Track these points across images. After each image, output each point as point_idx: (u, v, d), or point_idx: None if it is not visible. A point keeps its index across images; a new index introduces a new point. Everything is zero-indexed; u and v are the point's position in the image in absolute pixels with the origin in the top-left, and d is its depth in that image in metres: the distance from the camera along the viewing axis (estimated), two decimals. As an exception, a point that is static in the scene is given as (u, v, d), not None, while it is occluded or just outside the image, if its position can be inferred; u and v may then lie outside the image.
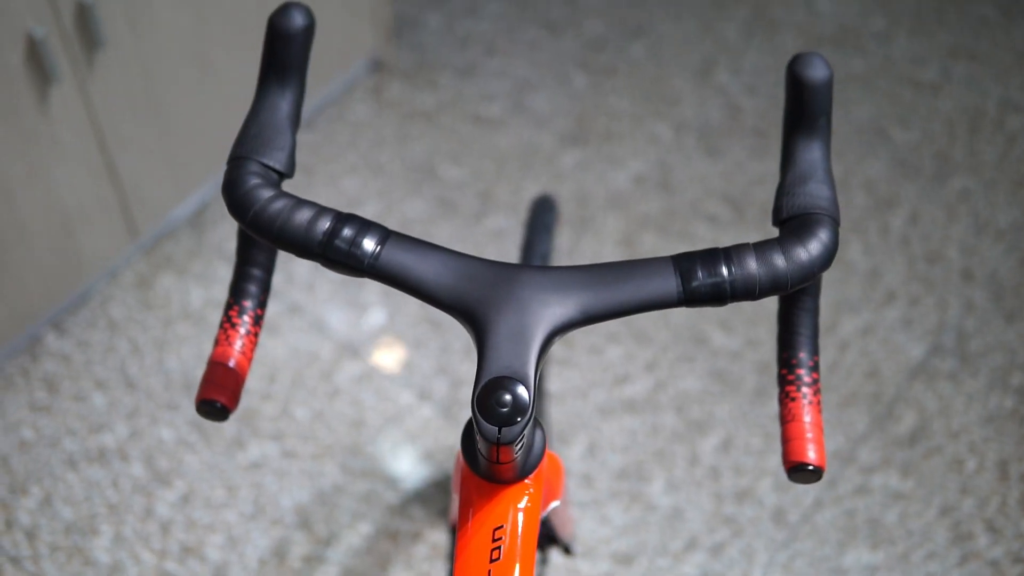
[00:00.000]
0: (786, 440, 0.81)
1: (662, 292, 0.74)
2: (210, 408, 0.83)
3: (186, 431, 1.76)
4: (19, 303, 1.77)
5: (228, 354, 0.85)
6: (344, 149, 2.11)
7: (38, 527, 1.67)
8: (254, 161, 0.79)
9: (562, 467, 0.96)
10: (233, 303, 0.87)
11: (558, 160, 2.09)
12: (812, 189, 0.78)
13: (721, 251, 0.75)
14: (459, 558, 0.76)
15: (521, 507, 0.77)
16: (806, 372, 0.83)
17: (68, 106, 1.63)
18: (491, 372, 0.71)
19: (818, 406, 0.82)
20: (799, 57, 0.79)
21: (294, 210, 0.76)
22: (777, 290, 0.75)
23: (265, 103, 0.82)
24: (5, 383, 1.81)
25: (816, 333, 0.85)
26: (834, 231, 0.76)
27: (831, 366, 1.82)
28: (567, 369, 1.82)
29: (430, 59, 2.26)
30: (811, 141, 0.80)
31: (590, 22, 2.32)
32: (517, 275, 0.75)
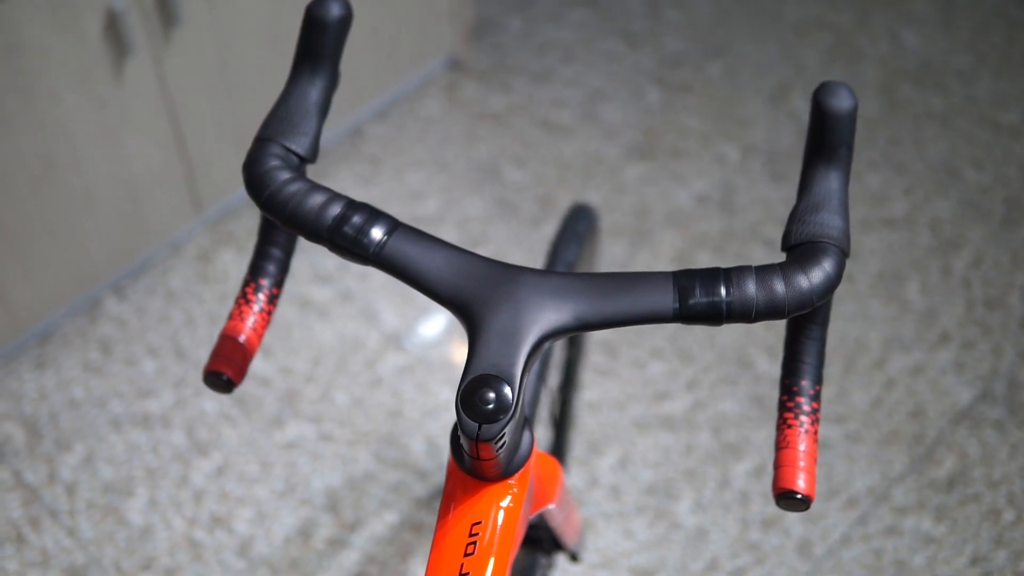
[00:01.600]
0: (778, 466, 0.81)
1: (658, 306, 0.75)
2: (216, 380, 0.86)
3: (228, 405, 1.80)
4: (83, 266, 1.82)
5: (239, 329, 0.87)
6: (413, 143, 2.14)
7: (78, 483, 1.72)
8: (277, 144, 0.81)
9: (559, 471, 0.97)
10: (250, 280, 0.90)
11: (622, 172, 2.10)
12: (823, 218, 0.78)
13: (722, 271, 0.75)
14: (434, 548, 0.77)
15: (503, 505, 0.78)
16: (806, 401, 0.83)
17: (142, 79, 1.68)
18: (478, 369, 0.72)
19: (814, 435, 0.82)
20: (825, 85, 0.79)
21: (308, 194, 0.78)
22: (774, 315, 0.75)
23: (295, 89, 0.84)
24: (63, 341, 1.87)
25: (821, 363, 0.84)
26: (838, 261, 0.76)
27: (875, 402, 1.80)
28: (607, 380, 1.82)
29: (507, 62, 2.28)
30: (829, 170, 0.80)
31: (671, 38, 2.32)
32: (516, 276, 0.76)
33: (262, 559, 1.65)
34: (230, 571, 1.64)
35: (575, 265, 1.14)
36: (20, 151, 1.61)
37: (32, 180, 1.66)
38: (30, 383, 1.82)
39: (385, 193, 2.06)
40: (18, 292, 1.76)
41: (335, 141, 2.13)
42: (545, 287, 0.75)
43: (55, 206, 1.71)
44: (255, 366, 1.84)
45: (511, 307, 0.74)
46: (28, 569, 1.64)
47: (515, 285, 0.75)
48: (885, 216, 2.03)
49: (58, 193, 1.70)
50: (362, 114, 2.15)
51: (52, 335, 1.87)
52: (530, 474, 0.81)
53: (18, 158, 1.62)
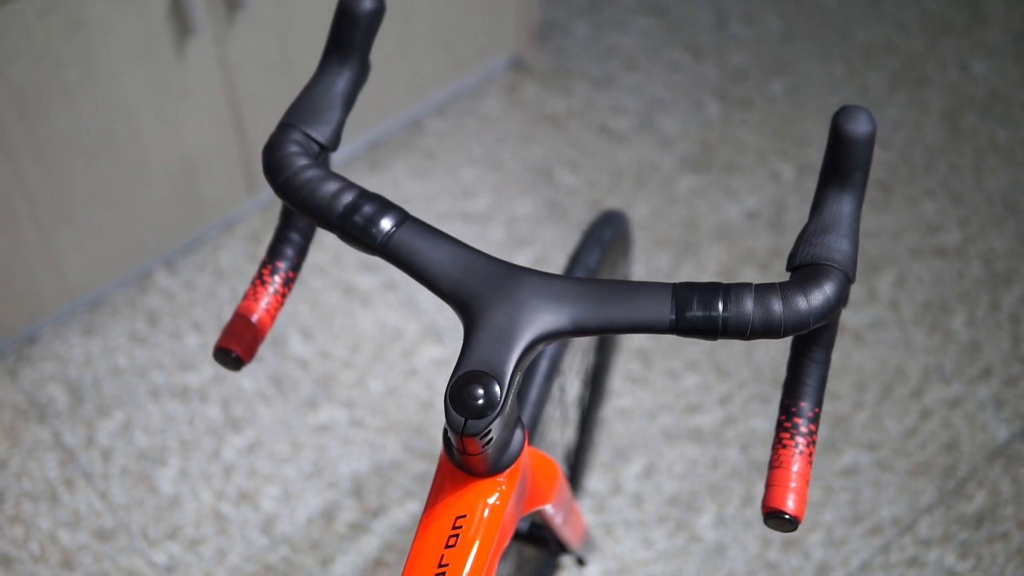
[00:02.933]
0: (769, 485, 0.82)
1: (654, 317, 0.75)
2: (225, 356, 0.88)
3: (266, 384, 1.83)
4: (136, 238, 1.86)
5: (252, 309, 0.89)
6: (469, 140, 2.16)
7: (114, 449, 1.76)
8: (299, 130, 0.83)
9: (557, 472, 0.98)
10: (268, 262, 0.92)
11: (674, 183, 2.10)
12: (831, 241, 0.78)
13: (722, 287, 0.76)
14: (417, 537, 0.79)
15: (489, 501, 0.79)
16: (804, 422, 0.83)
17: (203, 60, 1.72)
18: (470, 364, 0.74)
19: (809, 457, 0.82)
20: (845, 109, 0.79)
21: (322, 181, 0.80)
22: (769, 334, 0.75)
23: (323, 78, 0.86)
24: (112, 310, 1.91)
25: (822, 385, 0.85)
26: (840, 286, 0.76)
27: (908, 431, 1.79)
28: (640, 388, 1.83)
29: (569, 65, 2.29)
30: (842, 193, 0.80)
31: (736, 52, 2.31)
32: (518, 276, 0.77)
33: (284, 537, 1.68)
34: (252, 547, 1.67)
35: (596, 271, 1.14)
36: (80, 123, 1.66)
37: (91, 152, 1.70)
38: (77, 348, 1.87)
39: (437, 187, 2.08)
40: (72, 260, 1.81)
41: (393, 132, 2.16)
42: (544, 289, 0.76)
43: (112, 178, 1.75)
44: (295, 347, 1.87)
45: (508, 306, 0.76)
46: (59, 528, 1.69)
47: (515, 285, 0.76)
48: (937, 245, 2.01)
49: (115, 166, 1.74)
50: (422, 107, 2.17)
51: (102, 303, 1.92)
52: (520, 472, 0.82)
53: (78, 129, 1.66)
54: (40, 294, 1.81)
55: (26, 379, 1.84)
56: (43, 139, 1.64)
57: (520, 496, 0.86)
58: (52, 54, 1.56)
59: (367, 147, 2.14)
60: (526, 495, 0.89)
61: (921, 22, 2.37)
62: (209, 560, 1.66)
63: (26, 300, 1.81)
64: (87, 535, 1.68)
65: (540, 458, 0.94)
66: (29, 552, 1.67)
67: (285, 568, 1.65)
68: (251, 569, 1.65)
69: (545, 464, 0.94)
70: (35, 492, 1.72)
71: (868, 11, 2.40)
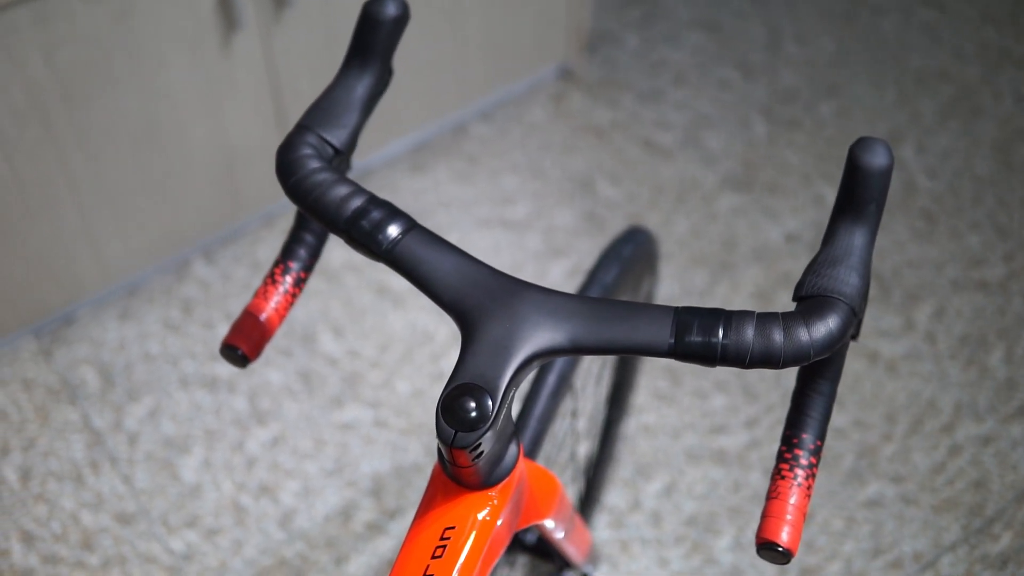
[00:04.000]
0: (765, 515, 0.81)
1: (653, 340, 0.75)
2: (232, 353, 0.88)
3: (294, 379, 1.84)
4: (176, 227, 1.88)
5: (261, 308, 0.90)
6: (512, 147, 2.16)
7: (141, 434, 1.78)
8: (314, 133, 0.84)
9: (557, 487, 0.97)
10: (280, 262, 0.92)
11: (715, 201, 2.08)
12: (839, 273, 0.77)
13: (724, 313, 0.75)
14: (404, 546, 0.79)
15: (479, 515, 0.79)
16: (805, 455, 0.82)
17: (249, 54, 1.73)
18: (464, 377, 0.73)
19: (807, 490, 0.81)
20: (863, 140, 0.78)
21: (333, 185, 0.80)
22: (768, 364, 0.74)
23: (343, 81, 0.87)
24: (148, 297, 1.93)
25: (826, 418, 0.84)
26: (845, 319, 0.75)
27: (937, 466, 1.76)
28: (667, 406, 1.82)
29: (618, 77, 2.28)
30: (855, 226, 0.79)
31: (787, 72, 2.29)
32: (519, 291, 0.77)
33: (301, 533, 1.69)
34: (269, 540, 1.68)
35: (613, 288, 1.14)
36: (125, 110, 1.68)
37: (134, 140, 1.72)
38: (112, 332, 1.89)
39: (477, 193, 2.09)
40: (111, 245, 1.83)
41: (437, 135, 2.16)
42: (545, 305, 0.76)
43: (154, 167, 1.77)
44: (325, 344, 1.88)
45: (507, 321, 0.75)
46: (82, 509, 1.71)
47: (516, 300, 0.76)
48: (979, 279, 1.98)
49: (158, 155, 1.76)
50: (468, 112, 2.18)
51: (139, 289, 1.94)
52: (514, 487, 0.82)
53: (122, 117, 1.68)
54: (79, 277, 1.84)
55: (60, 360, 1.86)
56: (87, 125, 1.66)
57: (514, 510, 0.86)
58: (99, 42, 1.59)
59: (410, 149, 2.15)
60: (522, 509, 0.88)
61: (978, 51, 2.34)
62: (225, 550, 1.67)
63: (65, 282, 1.83)
64: (108, 518, 1.70)
65: (539, 472, 0.94)
66: (51, 531, 1.69)
67: (300, 563, 1.66)
68: (266, 562, 1.66)
69: (544, 479, 0.94)
70: (61, 472, 1.75)
71: (925, 37, 2.37)
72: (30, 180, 1.67)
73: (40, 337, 1.89)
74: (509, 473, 0.81)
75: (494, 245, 2.01)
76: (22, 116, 1.59)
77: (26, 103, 1.58)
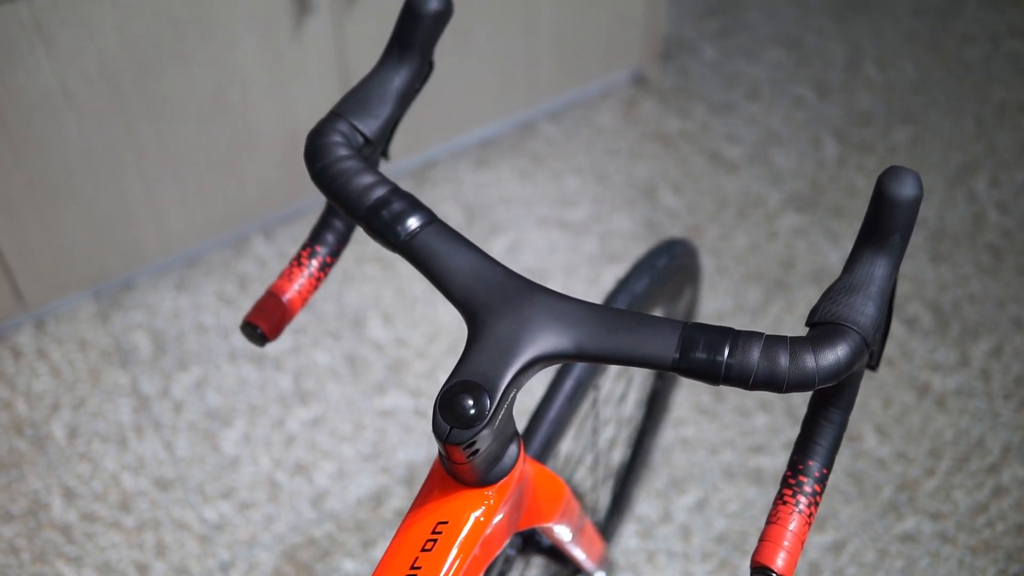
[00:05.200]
0: (762, 539, 0.80)
1: (658, 353, 0.74)
2: (251, 331, 0.90)
3: (340, 361, 1.86)
4: (238, 203, 1.91)
5: (284, 289, 0.91)
6: (578, 149, 2.16)
7: (186, 403, 1.82)
8: (346, 121, 0.85)
9: (564, 492, 0.97)
10: (308, 245, 0.94)
11: (777, 219, 2.06)
12: (855, 302, 0.76)
13: (732, 333, 0.74)
14: (396, 536, 0.79)
15: (473, 512, 0.79)
16: (809, 482, 0.81)
17: (319, 38, 1.75)
18: (465, 374, 0.74)
19: (808, 518, 0.80)
20: (892, 169, 0.77)
21: (358, 174, 0.81)
22: (772, 388, 0.74)
23: (380, 72, 0.87)
24: (206, 269, 1.97)
25: (835, 447, 0.83)
26: (855, 349, 0.74)
27: (978, 506, 1.72)
28: (708, 421, 1.80)
29: (691, 87, 2.27)
30: (877, 256, 0.77)
31: (865, 95, 2.26)
32: (530, 294, 0.77)
33: (332, 514, 1.70)
34: (300, 518, 1.70)
35: (643, 298, 1.13)
36: (194, 85, 1.71)
37: (201, 114, 1.75)
38: (168, 301, 1.93)
39: (539, 192, 2.09)
40: (174, 215, 1.86)
41: (505, 132, 2.17)
42: (554, 310, 0.76)
43: (219, 142, 1.80)
44: (374, 330, 1.89)
45: (514, 322, 0.75)
46: (123, 471, 1.75)
47: (525, 302, 0.76)
48: (1041, 319, 1.94)
49: (224, 131, 1.79)
50: (537, 111, 2.18)
51: (198, 261, 1.98)
52: (512, 487, 0.82)
53: (191, 91, 1.71)
54: (140, 244, 1.87)
55: (116, 324, 1.91)
56: (157, 97, 1.69)
57: (514, 511, 0.86)
58: (172, 16, 1.61)
59: (477, 143, 2.16)
60: (523, 511, 0.89)
61: (1064, 87, 2.29)
62: (257, 524, 1.70)
63: (126, 248, 1.87)
64: (147, 482, 1.74)
65: (545, 475, 0.94)
66: (91, 489, 1.73)
67: (328, 544, 1.68)
68: (295, 540, 1.68)
69: (550, 482, 0.94)
70: (107, 433, 1.79)
71: (1010, 69, 2.32)
72: (98, 147, 1.70)
73: (99, 300, 1.93)
74: (508, 473, 0.81)
75: (550, 245, 2.01)
76: (93, 84, 1.63)
77: (98, 72, 1.62)
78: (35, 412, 1.81)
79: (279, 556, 1.67)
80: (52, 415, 1.81)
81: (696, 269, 1.29)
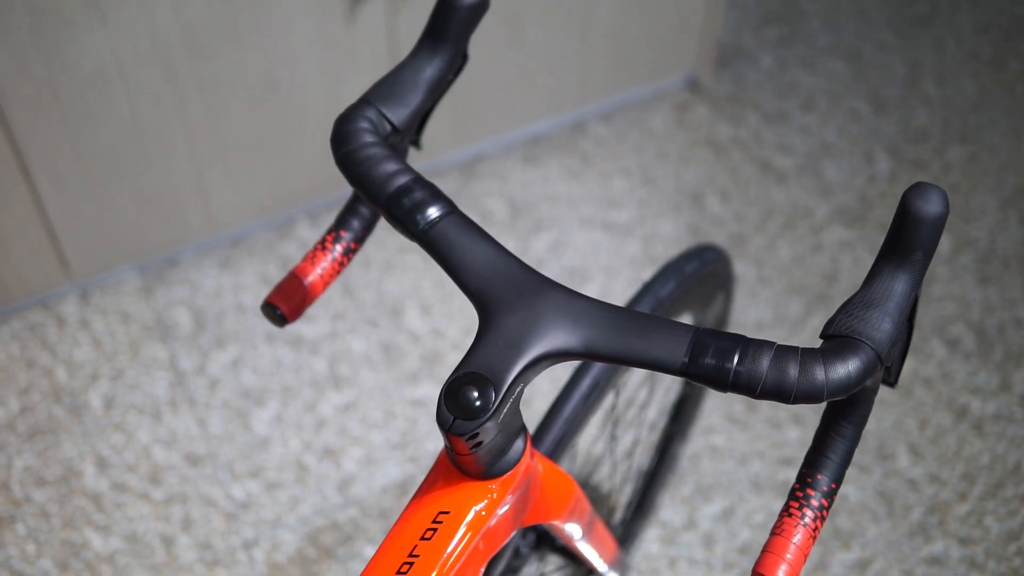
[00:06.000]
0: (765, 550, 0.80)
1: (667, 356, 0.74)
2: (271, 312, 0.91)
3: (376, 349, 1.87)
4: (285, 186, 1.93)
5: (307, 272, 0.92)
6: (628, 151, 2.15)
7: (221, 381, 1.84)
8: (374, 108, 0.85)
9: (574, 490, 0.97)
10: (333, 230, 0.94)
11: (823, 232, 2.04)
12: (872, 316, 0.75)
13: (743, 340, 0.74)
14: (397, 522, 0.80)
15: (475, 504, 0.79)
16: (817, 496, 0.80)
17: (373, 26, 1.76)
18: (472, 365, 0.74)
19: (813, 532, 0.80)
20: (918, 185, 0.75)
21: (382, 161, 0.81)
22: (779, 398, 0.73)
23: (412, 61, 0.88)
24: (249, 250, 1.99)
25: (845, 462, 0.82)
26: (866, 364, 0.73)
27: (1010, 535, 1.70)
28: (739, 430, 1.79)
29: (745, 95, 2.25)
30: (897, 271, 0.76)
31: (922, 111, 2.23)
32: (544, 290, 0.77)
33: (357, 500, 1.72)
34: (325, 502, 1.71)
35: (667, 302, 1.13)
36: (246, 67, 1.72)
37: (252, 96, 1.77)
38: (211, 279, 1.95)
39: (584, 192, 2.09)
40: (221, 195, 1.88)
41: (555, 130, 2.17)
42: (566, 307, 0.76)
43: (269, 125, 1.82)
44: (411, 320, 1.90)
45: (525, 317, 0.76)
46: (155, 444, 1.77)
47: (538, 298, 0.76)
48: (1088, 349, 1.90)
49: (274, 114, 1.81)
50: (588, 111, 2.18)
51: (242, 242, 2.00)
52: (517, 482, 0.82)
53: (243, 73, 1.73)
54: (186, 222, 1.90)
55: (159, 299, 1.93)
56: (208, 77, 1.71)
57: (519, 507, 0.86)
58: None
59: (526, 140, 2.16)
60: (529, 506, 0.89)
61: None
62: (282, 505, 1.71)
63: (172, 225, 1.89)
64: (178, 456, 1.76)
65: (555, 473, 0.94)
66: (124, 460, 1.76)
67: (351, 529, 1.69)
68: (319, 522, 1.70)
69: (559, 480, 0.94)
70: (142, 405, 1.81)
71: (1073, 93, 2.28)
72: (148, 124, 1.73)
73: (144, 274, 1.96)
74: (513, 467, 0.81)
75: (592, 245, 2.01)
76: (147, 62, 1.65)
77: (152, 50, 1.64)
78: (74, 380, 1.84)
79: (302, 538, 1.68)
80: (91, 384, 1.84)
81: (728, 277, 1.28)
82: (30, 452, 1.76)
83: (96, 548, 1.67)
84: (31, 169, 1.70)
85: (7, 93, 1.60)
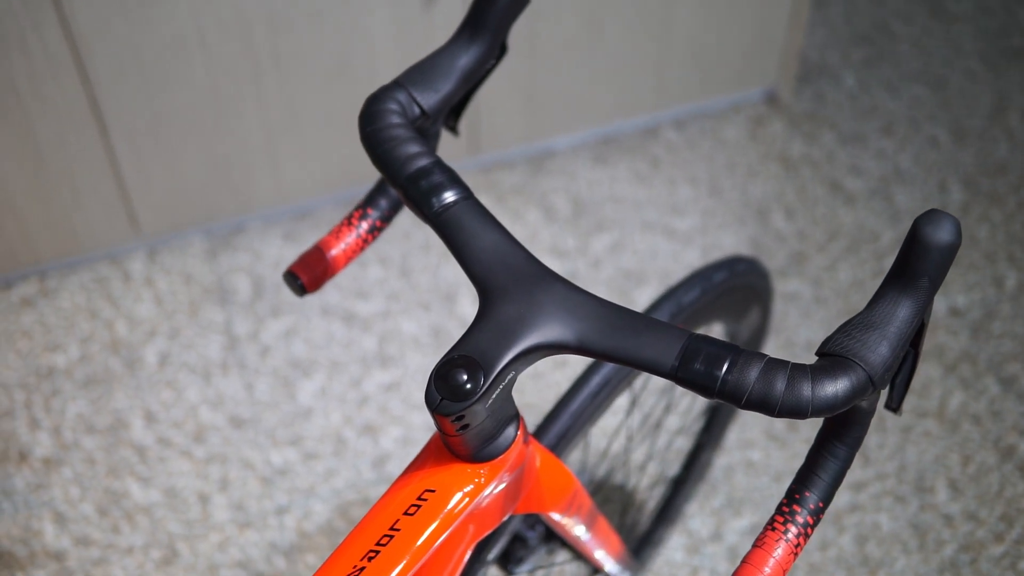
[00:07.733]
0: (744, 561, 0.80)
1: (658, 358, 0.75)
2: (292, 280, 0.93)
3: (426, 332, 1.90)
4: (353, 163, 1.96)
5: (331, 245, 0.94)
6: (698, 160, 2.15)
7: (272, 349, 1.88)
8: (405, 90, 0.87)
9: (573, 484, 0.98)
10: (361, 207, 0.96)
11: (887, 258, 2.02)
12: (870, 339, 0.74)
13: (735, 350, 0.74)
14: (382, 496, 0.81)
15: (462, 486, 0.81)
16: (803, 513, 0.80)
17: (451, 15, 1.79)
18: (465, 348, 0.75)
19: (795, 548, 0.80)
20: (930, 212, 0.75)
21: (405, 142, 0.83)
22: (764, 410, 0.73)
23: (449, 49, 0.89)
24: (314, 223, 2.03)
25: (836, 482, 0.82)
26: (856, 386, 0.73)
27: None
28: (777, 448, 1.78)
29: (823, 113, 2.23)
30: (901, 296, 0.75)
31: (1003, 145, 2.19)
32: (545, 282, 0.78)
33: (390, 478, 1.74)
34: (359, 477, 1.74)
35: (689, 310, 1.12)
36: (323, 44, 1.76)
37: (327, 73, 1.80)
38: (274, 249, 2.00)
39: (649, 196, 2.09)
40: (290, 168, 1.92)
41: (627, 132, 2.17)
42: (565, 301, 0.77)
43: (341, 103, 1.85)
44: (463, 307, 1.92)
45: (523, 306, 0.77)
46: (202, 404, 1.82)
47: (538, 289, 0.78)
48: None
49: (346, 92, 1.84)
50: (662, 116, 2.18)
51: (308, 215, 2.04)
52: (507, 468, 0.83)
53: (320, 49, 1.76)
54: (255, 191, 1.94)
55: (222, 263, 1.98)
56: (285, 52, 1.75)
57: (511, 492, 0.87)
58: (309, -25, 1.67)
59: (598, 140, 2.16)
60: (522, 494, 0.90)
61: None
62: (317, 475, 1.75)
63: (242, 193, 1.94)
64: (223, 418, 1.80)
65: (554, 465, 0.95)
66: (171, 416, 1.80)
67: (382, 506, 1.72)
68: (351, 496, 1.73)
69: (558, 472, 0.95)
70: (194, 365, 1.86)
71: None
72: (224, 92, 1.77)
73: (211, 238, 2.01)
74: (503, 453, 0.82)
75: (651, 250, 2.01)
76: (227, 32, 1.69)
77: (233, 20, 1.68)
78: (133, 335, 1.90)
79: (333, 509, 1.71)
80: (148, 340, 1.89)
81: (765, 290, 1.28)
82: (84, 399, 1.82)
83: (136, 498, 1.72)
84: (109, 127, 1.75)
85: (91, 50, 1.65)
